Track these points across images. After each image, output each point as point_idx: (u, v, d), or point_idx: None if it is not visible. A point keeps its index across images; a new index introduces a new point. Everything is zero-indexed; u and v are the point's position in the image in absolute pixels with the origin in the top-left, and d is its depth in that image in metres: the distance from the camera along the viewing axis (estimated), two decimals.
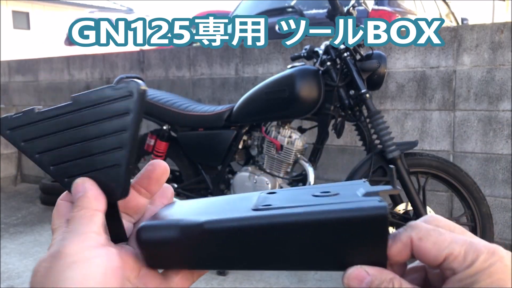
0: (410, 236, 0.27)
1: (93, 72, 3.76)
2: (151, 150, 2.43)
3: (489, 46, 2.29)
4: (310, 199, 0.31)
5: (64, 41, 7.27)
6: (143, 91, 0.32)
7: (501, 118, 2.30)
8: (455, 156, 2.42)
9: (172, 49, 3.38)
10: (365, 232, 0.27)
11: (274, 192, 0.34)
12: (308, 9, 3.82)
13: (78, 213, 0.30)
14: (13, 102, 4.34)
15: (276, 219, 0.29)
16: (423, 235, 0.27)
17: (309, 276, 2.20)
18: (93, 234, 0.29)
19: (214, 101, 3.13)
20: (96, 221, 0.30)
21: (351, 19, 1.87)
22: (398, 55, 2.51)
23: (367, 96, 1.88)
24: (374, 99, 2.53)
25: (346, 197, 0.30)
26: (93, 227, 0.29)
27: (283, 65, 2.82)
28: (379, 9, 3.49)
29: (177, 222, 0.31)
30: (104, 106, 0.32)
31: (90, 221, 0.30)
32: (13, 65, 4.33)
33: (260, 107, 2.07)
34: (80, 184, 0.31)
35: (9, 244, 2.72)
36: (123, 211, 0.34)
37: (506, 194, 2.32)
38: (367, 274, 0.28)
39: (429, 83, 2.44)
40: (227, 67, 3.08)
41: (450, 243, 0.26)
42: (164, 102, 2.32)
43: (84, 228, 0.29)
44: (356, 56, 1.94)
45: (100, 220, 0.30)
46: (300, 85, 1.92)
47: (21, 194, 3.92)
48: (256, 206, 0.31)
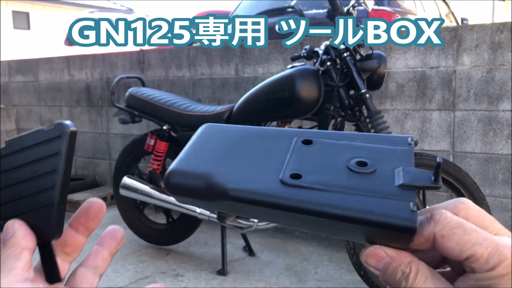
0: (433, 232, 0.27)
1: (93, 72, 3.76)
2: (151, 150, 2.43)
3: (489, 46, 2.29)
4: (343, 176, 0.30)
5: (64, 41, 7.27)
6: (72, 132, 0.33)
7: (501, 118, 2.30)
8: (455, 156, 2.42)
9: (172, 49, 3.38)
10: (390, 233, 0.27)
11: (310, 142, 0.33)
12: (308, 9, 3.83)
13: (6, 252, 0.31)
14: (13, 102, 4.35)
15: (304, 205, 0.28)
16: (446, 233, 0.27)
17: (309, 276, 2.20)
18: (19, 270, 0.30)
19: (214, 101, 3.13)
20: (22, 258, 0.31)
21: (351, 19, 1.87)
22: (398, 55, 2.51)
23: (367, 96, 1.88)
24: (374, 99, 2.53)
25: (381, 183, 0.29)
26: (19, 263, 0.30)
27: (283, 65, 2.82)
28: (379, 9, 3.49)
29: (205, 176, 0.32)
30: (35, 148, 0.33)
31: (17, 258, 0.30)
32: (13, 65, 4.33)
33: (260, 107, 2.07)
34: (10, 226, 0.32)
35: None
36: (61, 250, 0.35)
37: (506, 194, 2.32)
38: (386, 255, 0.28)
39: (429, 83, 2.44)
40: (227, 67, 3.08)
41: (474, 244, 0.26)
42: (164, 102, 2.32)
43: (11, 264, 0.30)
44: (356, 56, 1.94)
45: (27, 257, 0.31)
46: (300, 85, 1.92)
47: None
48: (284, 178, 0.30)
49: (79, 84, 3.86)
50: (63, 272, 0.35)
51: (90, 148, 3.87)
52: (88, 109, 3.83)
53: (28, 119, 4.26)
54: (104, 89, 3.71)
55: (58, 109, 4.02)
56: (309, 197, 0.28)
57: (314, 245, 2.60)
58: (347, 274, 2.22)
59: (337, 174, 0.30)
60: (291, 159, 0.32)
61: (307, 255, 2.46)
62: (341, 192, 0.28)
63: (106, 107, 3.70)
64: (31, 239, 0.32)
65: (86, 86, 3.82)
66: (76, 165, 3.99)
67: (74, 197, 3.32)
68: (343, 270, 2.27)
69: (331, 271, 2.26)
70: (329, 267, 2.30)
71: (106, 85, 3.69)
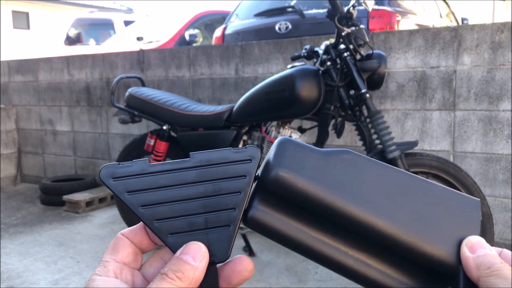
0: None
1: (93, 72, 3.76)
2: (151, 150, 2.42)
3: (489, 46, 2.29)
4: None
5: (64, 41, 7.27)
6: (260, 156, 0.33)
7: (501, 118, 2.29)
8: (455, 156, 2.42)
9: (172, 49, 3.37)
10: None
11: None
12: (308, 9, 3.82)
13: (171, 283, 0.29)
14: (12, 102, 4.34)
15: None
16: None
17: (309, 277, 2.20)
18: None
19: (214, 101, 3.13)
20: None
21: None
22: (398, 55, 2.51)
23: (367, 96, 1.87)
24: (374, 99, 2.53)
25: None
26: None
27: (283, 65, 2.82)
28: (379, 9, 3.49)
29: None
30: (223, 166, 0.32)
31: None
32: (13, 65, 4.32)
33: (260, 107, 2.06)
34: (194, 251, 0.30)
35: (9, 244, 2.72)
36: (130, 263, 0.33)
37: (506, 194, 2.32)
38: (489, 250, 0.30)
39: (429, 83, 2.44)
40: (227, 67, 3.08)
41: None
42: (164, 102, 2.32)
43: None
44: (356, 56, 1.93)
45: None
46: (300, 85, 1.92)
47: (21, 194, 3.92)
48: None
49: (79, 84, 3.86)
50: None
51: (90, 148, 3.87)
52: (87, 109, 3.82)
53: (27, 119, 4.26)
54: (104, 89, 3.71)
55: (58, 109, 4.02)
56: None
57: None
58: None
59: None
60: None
61: None
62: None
63: (106, 107, 3.70)
64: (200, 280, 0.30)
65: (86, 86, 3.81)
66: (76, 165, 3.99)
67: (74, 197, 3.32)
68: None
69: (331, 271, 2.25)
70: None
71: (106, 85, 3.69)
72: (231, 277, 0.33)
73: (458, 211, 0.33)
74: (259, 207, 0.33)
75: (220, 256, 0.31)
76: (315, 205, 0.32)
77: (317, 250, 0.33)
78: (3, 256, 2.54)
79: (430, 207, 0.32)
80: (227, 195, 0.32)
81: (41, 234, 2.89)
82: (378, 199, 0.32)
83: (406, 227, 0.31)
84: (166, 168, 0.32)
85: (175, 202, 0.31)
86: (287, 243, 0.34)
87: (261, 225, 0.33)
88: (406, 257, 0.32)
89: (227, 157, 0.32)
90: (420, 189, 0.33)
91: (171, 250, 0.31)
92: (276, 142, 0.35)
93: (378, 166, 0.34)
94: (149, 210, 0.31)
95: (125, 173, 0.32)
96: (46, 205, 3.52)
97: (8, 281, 2.22)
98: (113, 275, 0.31)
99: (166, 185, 0.32)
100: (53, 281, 2.22)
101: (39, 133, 4.20)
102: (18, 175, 4.32)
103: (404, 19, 3.67)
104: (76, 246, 2.67)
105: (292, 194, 0.32)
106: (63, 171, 4.06)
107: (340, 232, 0.33)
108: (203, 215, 0.32)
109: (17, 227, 3.03)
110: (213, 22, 5.61)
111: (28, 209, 3.45)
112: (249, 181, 0.32)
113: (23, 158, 4.34)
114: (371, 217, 0.31)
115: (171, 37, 5.18)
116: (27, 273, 2.32)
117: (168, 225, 0.31)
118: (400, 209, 0.32)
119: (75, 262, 2.44)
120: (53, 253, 2.56)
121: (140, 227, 0.34)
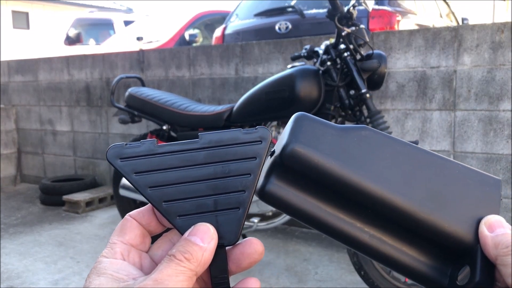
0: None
1: (92, 72, 3.76)
2: None
3: (490, 46, 2.28)
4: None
5: (64, 41, 7.27)
6: (271, 138, 0.32)
7: (501, 118, 2.29)
8: (455, 156, 2.42)
9: (172, 48, 3.37)
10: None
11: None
12: (308, 9, 3.82)
13: (179, 264, 0.29)
14: (12, 102, 4.34)
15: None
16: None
17: (309, 277, 2.20)
18: None
19: (214, 101, 3.13)
20: (190, 283, 0.29)
21: None
22: (399, 55, 2.50)
23: (367, 96, 1.87)
24: (374, 99, 2.53)
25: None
26: (184, 284, 0.28)
27: (283, 65, 2.82)
28: (379, 9, 3.49)
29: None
30: (233, 148, 0.31)
31: (185, 280, 0.28)
32: (12, 65, 4.32)
33: (260, 107, 2.06)
34: (203, 232, 0.30)
35: (8, 244, 2.72)
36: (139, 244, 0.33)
37: (506, 194, 2.32)
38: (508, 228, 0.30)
39: (429, 83, 2.44)
40: (227, 67, 3.08)
41: None
42: (164, 102, 2.32)
43: (175, 284, 0.28)
44: (356, 56, 1.93)
45: (193, 282, 0.29)
46: (300, 85, 1.92)
47: (20, 194, 3.92)
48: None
49: (78, 84, 3.86)
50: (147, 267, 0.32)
51: (90, 148, 3.86)
52: (87, 109, 3.82)
53: (27, 119, 4.26)
54: (103, 89, 3.70)
55: (58, 109, 4.02)
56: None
57: (314, 245, 2.60)
58: (347, 274, 2.21)
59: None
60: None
61: (307, 255, 2.45)
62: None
63: (106, 107, 3.69)
64: (208, 263, 0.30)
65: (86, 86, 3.81)
66: (75, 165, 3.99)
67: (73, 197, 3.32)
68: (343, 270, 2.26)
69: (331, 272, 2.25)
70: (329, 268, 2.30)
71: (106, 85, 3.68)
72: (240, 260, 0.32)
73: (478, 190, 0.32)
74: (275, 182, 0.33)
75: (229, 239, 0.31)
76: (331, 181, 0.32)
77: (332, 225, 0.33)
78: (3, 256, 2.54)
79: (448, 185, 0.32)
80: (236, 177, 0.31)
81: (41, 234, 2.89)
82: (395, 175, 0.32)
83: (423, 204, 0.31)
84: (174, 149, 0.31)
85: (183, 183, 0.31)
86: (303, 218, 0.33)
87: (277, 199, 0.33)
88: (422, 234, 0.32)
89: (237, 138, 0.32)
90: (439, 167, 0.33)
91: (179, 232, 0.31)
92: (293, 117, 0.34)
93: (396, 143, 0.33)
94: (157, 191, 0.31)
95: (132, 154, 0.31)
96: (46, 205, 3.52)
97: (8, 281, 2.22)
98: (120, 257, 0.31)
99: (175, 166, 0.31)
100: (53, 281, 2.22)
101: (39, 133, 4.20)
102: (18, 175, 4.32)
103: (404, 19, 3.66)
104: (76, 246, 2.67)
105: (308, 169, 0.32)
106: (63, 171, 4.06)
107: (355, 208, 0.33)
108: (212, 197, 0.31)
109: (17, 227, 3.03)
110: (213, 22, 5.61)
111: (28, 209, 3.45)
112: (259, 163, 0.31)
113: (23, 158, 4.33)
114: (388, 193, 0.31)
115: (171, 37, 5.18)
116: (27, 273, 2.32)
117: (177, 207, 0.31)
118: (417, 186, 0.32)
119: (75, 262, 2.44)
120: (53, 253, 2.56)
121: (148, 209, 0.33)
